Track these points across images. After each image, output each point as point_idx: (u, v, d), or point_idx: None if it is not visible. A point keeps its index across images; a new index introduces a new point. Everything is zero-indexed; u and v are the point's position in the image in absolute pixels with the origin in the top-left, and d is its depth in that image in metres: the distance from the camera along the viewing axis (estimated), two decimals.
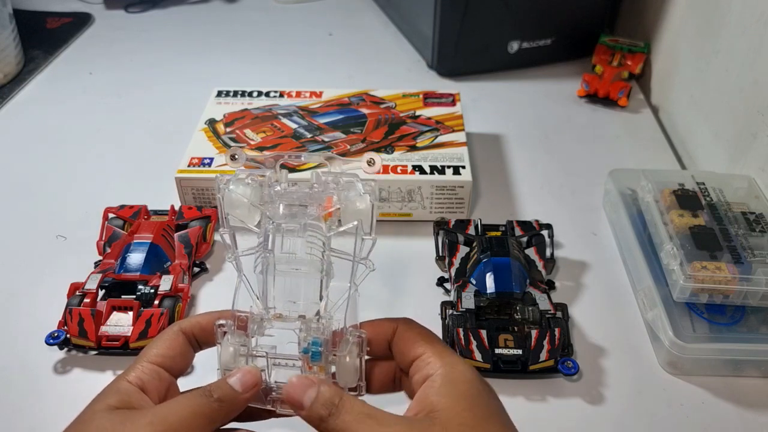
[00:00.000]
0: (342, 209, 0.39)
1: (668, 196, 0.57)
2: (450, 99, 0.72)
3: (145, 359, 0.35)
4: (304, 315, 0.37)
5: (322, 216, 0.39)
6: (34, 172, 0.71)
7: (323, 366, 0.36)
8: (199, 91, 0.75)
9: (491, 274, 0.52)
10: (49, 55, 0.93)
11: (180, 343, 0.36)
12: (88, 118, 0.80)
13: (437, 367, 0.33)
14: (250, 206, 0.39)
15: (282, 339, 0.37)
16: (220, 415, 0.33)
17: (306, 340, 0.36)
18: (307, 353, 0.36)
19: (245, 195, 0.39)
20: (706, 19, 0.72)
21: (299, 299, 0.38)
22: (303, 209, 0.39)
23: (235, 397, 0.34)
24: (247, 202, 0.39)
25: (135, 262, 0.53)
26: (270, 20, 1.04)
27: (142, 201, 0.62)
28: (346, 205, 0.39)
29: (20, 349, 0.51)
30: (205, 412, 0.32)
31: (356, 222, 0.39)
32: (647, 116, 0.80)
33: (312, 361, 0.36)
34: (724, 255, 0.50)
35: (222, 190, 0.39)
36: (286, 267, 0.37)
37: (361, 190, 0.39)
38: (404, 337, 0.35)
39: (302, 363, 0.36)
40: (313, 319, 0.37)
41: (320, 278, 0.38)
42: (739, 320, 0.50)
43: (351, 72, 0.90)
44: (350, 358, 0.36)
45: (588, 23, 0.89)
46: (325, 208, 0.39)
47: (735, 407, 0.47)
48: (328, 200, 0.39)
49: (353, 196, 0.39)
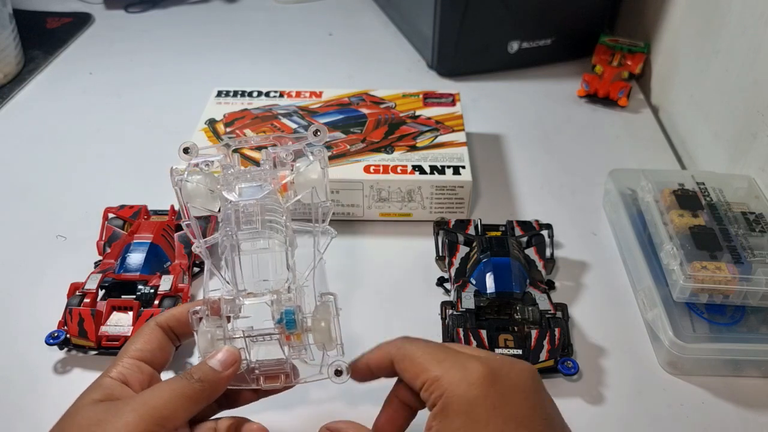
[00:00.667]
0: (295, 180, 0.40)
1: (668, 196, 0.57)
2: (450, 99, 0.72)
3: (125, 355, 0.36)
4: (275, 290, 0.38)
5: (277, 190, 0.40)
6: (34, 172, 0.71)
7: (299, 333, 0.37)
8: (199, 91, 0.75)
9: (491, 274, 0.52)
10: (49, 55, 0.93)
11: (157, 336, 0.37)
12: (88, 118, 0.80)
13: (438, 395, 0.32)
14: (208, 192, 0.40)
15: (258, 318, 0.38)
16: (203, 395, 0.34)
17: (279, 311, 0.37)
18: (281, 323, 0.36)
19: (201, 182, 0.40)
20: (706, 19, 0.72)
21: (268, 276, 0.38)
22: (258, 187, 0.40)
23: (216, 377, 0.35)
24: (205, 189, 0.40)
25: (135, 262, 0.53)
26: (270, 20, 1.04)
27: (142, 201, 0.62)
28: (299, 176, 0.40)
29: (20, 349, 0.51)
30: (186, 393, 0.33)
31: (310, 190, 0.40)
32: (647, 116, 0.80)
33: (288, 329, 0.36)
34: (724, 255, 0.50)
35: (178, 183, 0.39)
36: (250, 246, 0.38)
37: (311, 158, 0.40)
38: (402, 366, 0.35)
39: (279, 335, 0.37)
40: (284, 291, 0.38)
41: (284, 250, 0.39)
42: (739, 320, 0.50)
43: (351, 72, 0.90)
44: (325, 322, 0.37)
45: (588, 23, 0.89)
46: (278, 182, 0.40)
47: (735, 407, 0.47)
48: (281, 175, 0.41)
49: (304, 166, 0.40)
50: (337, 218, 0.63)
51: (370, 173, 0.61)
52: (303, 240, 0.41)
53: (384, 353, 0.36)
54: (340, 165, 0.61)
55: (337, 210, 0.62)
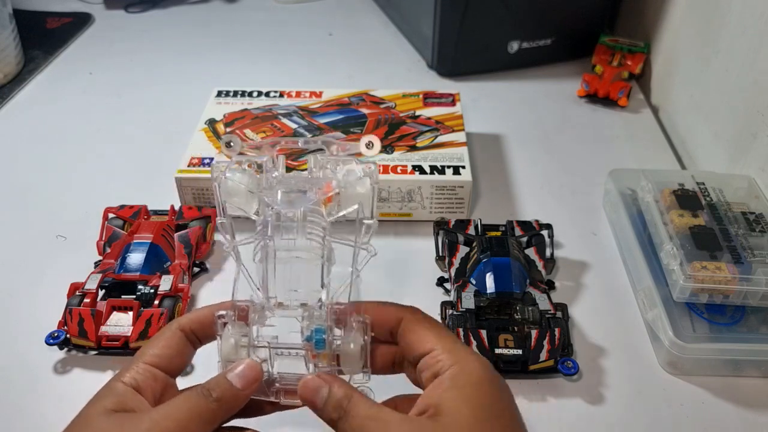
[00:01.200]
0: (342, 193, 0.38)
1: (668, 196, 0.57)
2: (450, 99, 0.72)
3: (140, 359, 0.35)
4: (306, 303, 0.37)
5: (321, 201, 0.38)
6: (34, 172, 0.71)
7: (327, 353, 0.36)
8: (199, 91, 0.75)
9: (491, 274, 0.52)
10: (49, 55, 0.93)
11: (177, 341, 0.36)
12: (88, 118, 0.80)
13: (447, 365, 0.32)
14: (247, 193, 0.38)
15: (283, 329, 0.37)
16: (219, 414, 0.33)
17: (309, 328, 0.36)
18: (310, 341, 0.35)
19: (242, 182, 0.37)
20: (707, 19, 0.72)
21: (300, 287, 0.37)
22: (302, 195, 0.38)
23: (236, 394, 0.33)
24: (245, 189, 0.37)
25: (135, 262, 0.53)
26: (270, 20, 1.04)
27: (142, 201, 0.62)
28: (346, 189, 0.38)
29: (20, 349, 0.51)
30: (202, 414, 0.32)
31: (356, 206, 0.38)
32: (647, 116, 0.80)
33: (316, 349, 0.35)
34: (724, 255, 0.50)
35: (218, 178, 0.37)
36: (286, 255, 0.36)
37: (360, 173, 0.38)
38: (412, 329, 0.35)
39: (305, 352, 0.36)
40: (316, 307, 0.36)
41: (321, 264, 0.37)
42: (739, 320, 0.50)
43: (351, 72, 0.90)
44: (354, 345, 0.35)
45: (588, 23, 0.89)
46: (324, 193, 0.38)
47: (735, 407, 0.47)
48: (327, 185, 0.38)
49: (353, 179, 0.38)
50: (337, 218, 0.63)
51: None
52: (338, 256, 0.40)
53: (394, 310, 0.36)
54: None
55: None
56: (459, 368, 0.32)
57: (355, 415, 0.32)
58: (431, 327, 0.35)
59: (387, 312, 0.36)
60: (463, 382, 0.32)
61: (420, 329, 0.34)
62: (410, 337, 0.35)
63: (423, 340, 0.34)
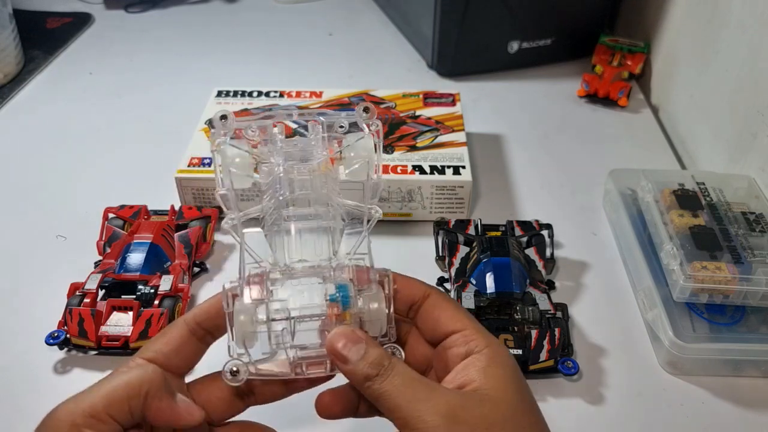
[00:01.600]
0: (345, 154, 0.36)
1: (668, 196, 0.57)
2: (450, 99, 0.72)
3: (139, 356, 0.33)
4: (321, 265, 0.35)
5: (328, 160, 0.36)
6: (34, 172, 0.71)
7: (353, 312, 0.33)
8: (199, 91, 0.75)
9: (491, 274, 0.52)
10: (49, 55, 0.93)
11: (181, 337, 0.33)
12: (88, 118, 0.80)
13: (482, 345, 0.32)
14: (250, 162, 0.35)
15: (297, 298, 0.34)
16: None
17: (333, 287, 0.34)
18: (335, 301, 0.33)
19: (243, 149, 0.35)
20: (706, 19, 0.72)
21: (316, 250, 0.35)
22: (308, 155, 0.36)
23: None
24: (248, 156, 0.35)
25: (135, 262, 0.53)
26: (270, 20, 1.04)
27: (142, 201, 0.62)
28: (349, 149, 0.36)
29: (20, 349, 0.51)
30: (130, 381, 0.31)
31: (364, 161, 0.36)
32: (647, 116, 0.80)
33: (343, 307, 0.33)
34: (724, 255, 0.50)
35: (219, 145, 0.35)
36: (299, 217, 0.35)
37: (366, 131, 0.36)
38: (441, 306, 0.34)
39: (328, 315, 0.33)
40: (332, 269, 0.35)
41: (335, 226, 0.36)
42: (739, 320, 0.50)
43: (351, 72, 0.90)
44: (378, 304, 0.34)
45: (588, 23, 0.89)
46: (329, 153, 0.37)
47: (735, 407, 0.47)
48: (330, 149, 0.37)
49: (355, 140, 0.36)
50: None
51: None
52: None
53: (420, 284, 0.35)
54: None
55: None
56: (494, 350, 0.32)
57: (399, 373, 0.31)
58: (459, 308, 0.34)
59: (413, 285, 0.35)
60: (500, 362, 0.32)
61: (449, 307, 0.34)
62: (439, 313, 0.34)
63: (454, 318, 0.33)
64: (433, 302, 0.34)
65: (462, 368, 0.32)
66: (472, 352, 0.32)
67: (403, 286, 0.35)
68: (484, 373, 0.31)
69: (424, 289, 0.35)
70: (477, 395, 0.30)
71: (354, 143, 0.36)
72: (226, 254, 0.59)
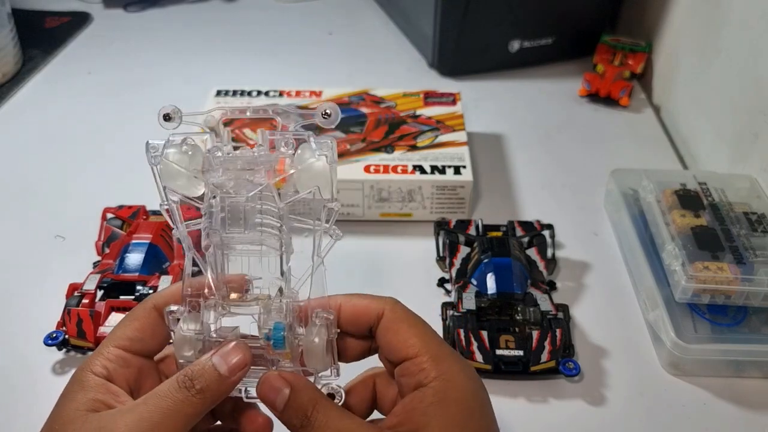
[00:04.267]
0: (296, 174, 0.33)
1: (670, 196, 0.57)
2: (450, 98, 0.71)
3: (111, 343, 0.32)
4: (266, 295, 0.33)
5: (273, 183, 0.33)
6: (32, 172, 0.71)
7: (288, 353, 0.32)
8: (199, 90, 0.75)
9: (492, 275, 0.52)
10: (47, 54, 0.93)
11: (152, 321, 0.33)
12: (87, 118, 0.80)
13: (431, 377, 0.30)
14: (190, 175, 0.33)
15: (246, 319, 0.33)
16: (202, 408, 0.29)
17: (267, 325, 0.32)
18: (269, 340, 0.32)
19: (182, 163, 0.33)
20: (708, 19, 0.72)
21: (255, 279, 0.34)
22: (251, 175, 0.33)
23: (221, 383, 0.30)
24: (187, 171, 0.33)
25: (134, 263, 0.53)
26: (270, 20, 1.04)
27: (140, 201, 0.61)
28: (301, 169, 0.33)
29: (19, 349, 0.50)
30: (184, 411, 0.29)
31: (314, 188, 0.33)
32: (649, 116, 0.80)
33: (275, 348, 0.32)
34: (726, 255, 0.50)
35: (156, 159, 0.33)
36: (238, 247, 0.33)
37: (315, 149, 0.33)
38: (394, 329, 0.32)
39: (265, 350, 0.32)
40: (275, 300, 0.33)
41: (278, 255, 0.33)
42: (741, 321, 0.49)
43: (351, 72, 0.90)
44: (318, 340, 0.32)
45: (589, 22, 0.88)
46: (277, 173, 0.33)
47: (737, 408, 0.47)
48: (280, 163, 0.34)
49: (308, 157, 0.33)
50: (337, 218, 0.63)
51: (371, 173, 0.60)
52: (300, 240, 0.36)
53: (371, 303, 0.32)
54: (339, 165, 0.61)
55: None
56: (444, 382, 0.30)
57: (319, 426, 0.29)
58: (414, 326, 0.32)
59: (363, 306, 0.33)
60: (448, 398, 0.29)
61: (402, 329, 0.31)
62: (391, 338, 0.32)
63: (406, 343, 0.31)
64: (385, 324, 0.32)
65: (407, 404, 0.30)
66: (421, 384, 0.30)
67: (352, 310, 0.33)
68: (426, 414, 0.29)
69: (376, 308, 0.32)
70: None
71: (305, 163, 0.33)
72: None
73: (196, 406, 0.29)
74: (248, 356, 0.31)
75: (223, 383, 0.30)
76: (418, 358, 0.30)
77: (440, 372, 0.30)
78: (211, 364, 0.30)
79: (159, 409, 0.28)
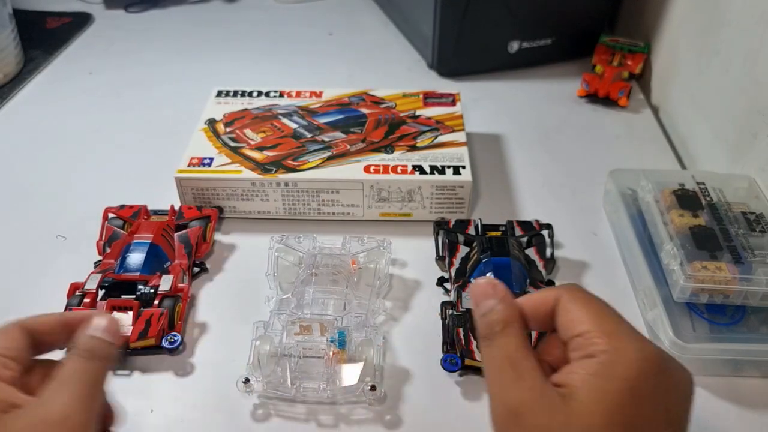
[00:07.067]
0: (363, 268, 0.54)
1: (668, 196, 0.57)
2: (450, 99, 0.72)
3: None
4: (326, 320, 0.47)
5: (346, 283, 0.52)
6: (33, 172, 0.71)
7: (343, 356, 0.45)
8: (199, 91, 0.75)
9: (491, 274, 0.52)
10: (48, 54, 0.93)
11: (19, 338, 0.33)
12: (88, 118, 0.80)
13: (600, 349, 0.29)
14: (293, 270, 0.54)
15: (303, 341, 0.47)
16: (105, 372, 0.32)
17: (332, 332, 0.46)
18: (333, 342, 0.45)
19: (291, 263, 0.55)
20: (707, 19, 0.72)
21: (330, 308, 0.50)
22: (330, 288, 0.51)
23: (111, 348, 0.33)
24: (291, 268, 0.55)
25: (135, 262, 0.53)
26: (270, 20, 1.04)
27: (142, 201, 0.62)
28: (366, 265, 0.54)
29: None
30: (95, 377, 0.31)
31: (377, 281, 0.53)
32: (647, 116, 0.80)
33: (339, 347, 0.45)
34: (725, 255, 0.50)
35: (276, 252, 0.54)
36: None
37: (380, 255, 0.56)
38: (567, 309, 0.31)
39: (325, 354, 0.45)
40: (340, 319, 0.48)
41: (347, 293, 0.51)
42: (740, 320, 0.50)
43: (351, 72, 0.90)
44: (367, 354, 0.45)
45: (588, 23, 0.88)
46: (349, 272, 0.53)
47: (735, 407, 0.47)
48: (352, 262, 0.54)
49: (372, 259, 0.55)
50: (337, 218, 0.63)
51: (370, 173, 0.60)
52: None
53: (549, 293, 0.32)
54: (340, 165, 0.61)
55: (337, 210, 0.62)
56: (612, 356, 0.28)
57: (499, 345, 0.30)
58: (589, 305, 0.31)
59: (540, 297, 0.33)
60: (612, 373, 0.28)
61: (574, 309, 0.31)
62: (563, 318, 0.31)
63: (577, 320, 0.30)
64: (561, 307, 0.32)
65: (572, 366, 0.29)
66: (589, 355, 0.29)
67: (530, 305, 0.33)
68: (583, 381, 0.28)
69: (555, 295, 0.32)
70: (560, 398, 0.28)
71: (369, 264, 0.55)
72: (226, 254, 0.59)
73: (100, 371, 0.32)
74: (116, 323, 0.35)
75: (111, 347, 0.33)
76: (589, 333, 0.30)
77: (611, 347, 0.29)
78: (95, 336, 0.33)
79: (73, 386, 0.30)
